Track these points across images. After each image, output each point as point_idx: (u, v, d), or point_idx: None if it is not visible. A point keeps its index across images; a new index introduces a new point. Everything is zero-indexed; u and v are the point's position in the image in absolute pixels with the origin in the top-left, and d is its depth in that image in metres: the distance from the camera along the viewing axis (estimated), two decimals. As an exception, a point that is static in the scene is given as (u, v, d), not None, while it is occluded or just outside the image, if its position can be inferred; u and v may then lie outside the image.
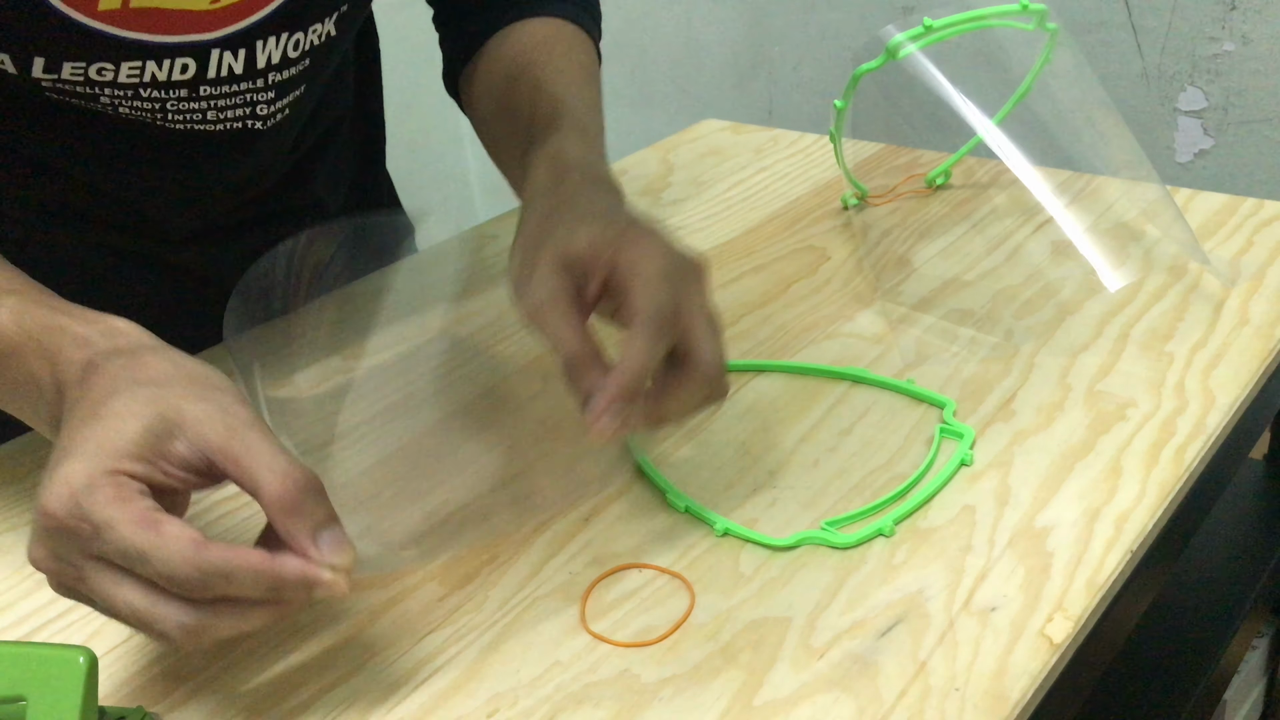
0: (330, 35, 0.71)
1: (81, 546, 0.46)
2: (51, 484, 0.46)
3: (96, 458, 0.46)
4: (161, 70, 0.65)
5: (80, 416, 0.48)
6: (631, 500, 0.62)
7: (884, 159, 1.00)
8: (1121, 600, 0.56)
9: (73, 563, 0.46)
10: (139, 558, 0.45)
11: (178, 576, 0.45)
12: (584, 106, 0.70)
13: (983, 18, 0.78)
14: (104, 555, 0.46)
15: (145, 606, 0.46)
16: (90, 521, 0.45)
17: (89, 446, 0.47)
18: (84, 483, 0.46)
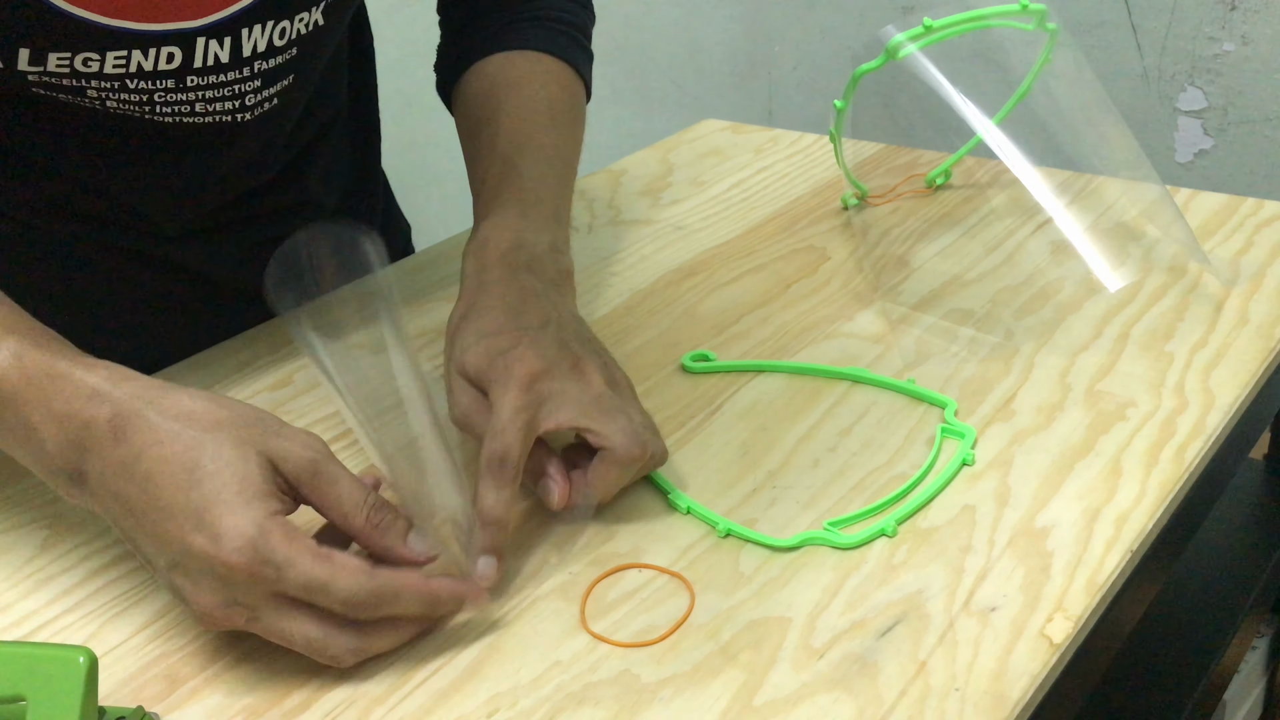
0: (319, 24, 0.71)
1: (264, 589, 0.49)
2: (223, 539, 0.49)
3: (251, 505, 0.49)
4: (148, 60, 0.65)
5: (169, 475, 0.50)
6: (631, 500, 0.62)
7: (884, 159, 1.00)
8: (1121, 600, 0.56)
9: (249, 605, 0.50)
10: (320, 588, 0.49)
11: (354, 601, 0.50)
12: (534, 167, 0.72)
13: (983, 18, 0.78)
14: (283, 592, 0.49)
15: (320, 636, 0.50)
16: (273, 564, 0.49)
17: (231, 497, 0.49)
18: (255, 530, 0.49)
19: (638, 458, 0.58)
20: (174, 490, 0.50)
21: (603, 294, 0.82)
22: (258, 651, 0.53)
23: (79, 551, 0.60)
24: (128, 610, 0.56)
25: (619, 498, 0.62)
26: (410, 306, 0.82)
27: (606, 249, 0.88)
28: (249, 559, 0.49)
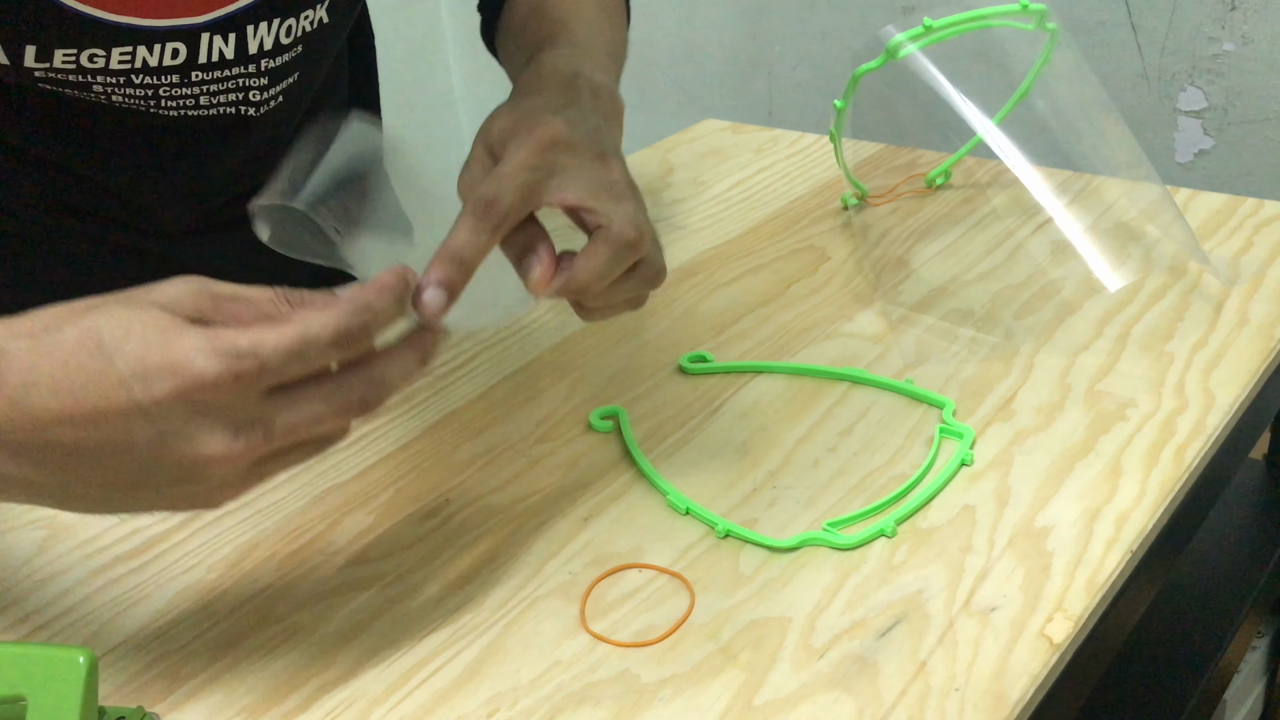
0: (323, 22, 0.71)
1: (253, 387, 0.44)
2: (182, 367, 0.42)
3: (182, 330, 0.44)
4: (153, 55, 0.65)
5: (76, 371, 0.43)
6: (631, 500, 0.62)
7: (884, 159, 1.00)
8: (1121, 600, 0.56)
9: (253, 417, 0.44)
10: (302, 345, 0.44)
11: (340, 332, 0.45)
12: (586, 27, 0.69)
13: (983, 18, 0.78)
14: (273, 379, 0.44)
15: (335, 392, 0.45)
16: (246, 354, 0.43)
17: (157, 337, 0.43)
18: (206, 340, 0.43)
19: (633, 242, 0.54)
20: (92, 379, 0.43)
21: (603, 294, 0.82)
22: (258, 651, 0.53)
23: (79, 551, 0.60)
24: (128, 610, 0.56)
25: (619, 498, 0.62)
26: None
27: (606, 249, 0.88)
28: (221, 364, 0.43)
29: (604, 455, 0.65)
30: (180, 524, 0.62)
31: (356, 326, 0.45)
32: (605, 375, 0.72)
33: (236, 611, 0.56)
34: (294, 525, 0.61)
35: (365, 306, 0.46)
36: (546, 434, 0.67)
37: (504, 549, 0.59)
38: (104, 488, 0.45)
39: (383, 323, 0.47)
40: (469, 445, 0.67)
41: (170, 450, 0.44)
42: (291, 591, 0.57)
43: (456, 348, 0.77)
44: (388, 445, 0.67)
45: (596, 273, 0.54)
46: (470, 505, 0.62)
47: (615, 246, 0.54)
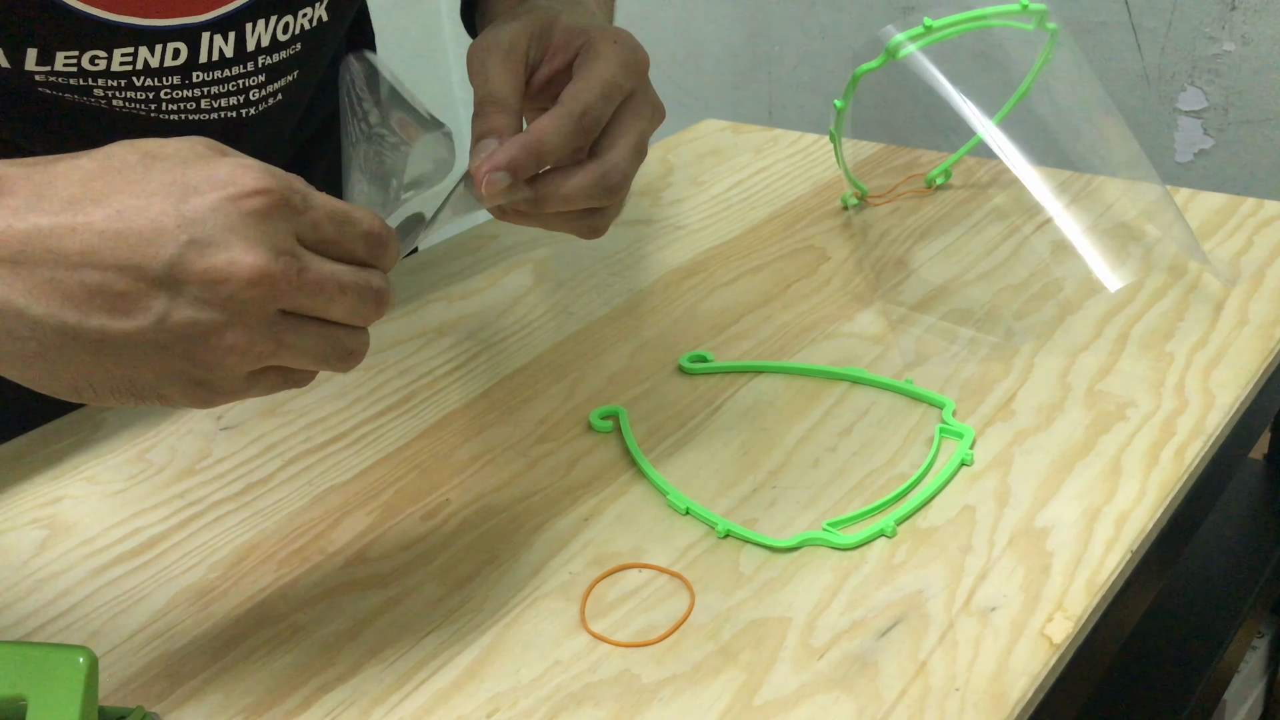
0: (322, 20, 0.71)
1: (295, 221, 0.42)
2: (235, 176, 0.40)
3: (222, 150, 0.42)
4: (154, 56, 0.65)
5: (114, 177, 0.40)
6: (631, 500, 0.62)
7: (884, 159, 1.00)
8: (1121, 600, 0.56)
9: (291, 251, 0.41)
10: (345, 218, 0.44)
11: (373, 233, 0.45)
12: None
13: (983, 18, 0.78)
14: (314, 229, 0.43)
15: (360, 277, 0.44)
16: (298, 190, 0.42)
17: (206, 151, 0.41)
18: (260, 164, 0.41)
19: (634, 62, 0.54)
20: (124, 187, 0.39)
21: (603, 294, 0.82)
22: (258, 651, 0.53)
23: (79, 551, 0.60)
24: (128, 610, 0.56)
25: (619, 498, 0.62)
26: (411, 306, 0.82)
27: (606, 249, 0.88)
28: (273, 181, 0.41)
29: (604, 455, 0.65)
30: (180, 524, 0.62)
31: (384, 236, 0.46)
32: (605, 375, 0.73)
33: (236, 611, 0.56)
34: (294, 525, 0.61)
35: (387, 228, 0.46)
36: (546, 434, 0.67)
37: (504, 549, 0.59)
38: (102, 318, 0.39)
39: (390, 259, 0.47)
40: (469, 445, 0.67)
41: (203, 258, 0.39)
42: (291, 591, 0.57)
43: (456, 347, 0.77)
44: (388, 445, 0.67)
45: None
46: (470, 505, 0.62)
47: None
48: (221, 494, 0.64)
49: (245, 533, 0.61)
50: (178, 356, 0.41)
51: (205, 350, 0.41)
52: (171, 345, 0.40)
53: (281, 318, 0.42)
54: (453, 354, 0.76)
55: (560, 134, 0.52)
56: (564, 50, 0.57)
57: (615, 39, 0.55)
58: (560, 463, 0.65)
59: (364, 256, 0.45)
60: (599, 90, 0.53)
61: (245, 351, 0.41)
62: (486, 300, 0.82)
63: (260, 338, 0.42)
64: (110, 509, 0.63)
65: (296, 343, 0.43)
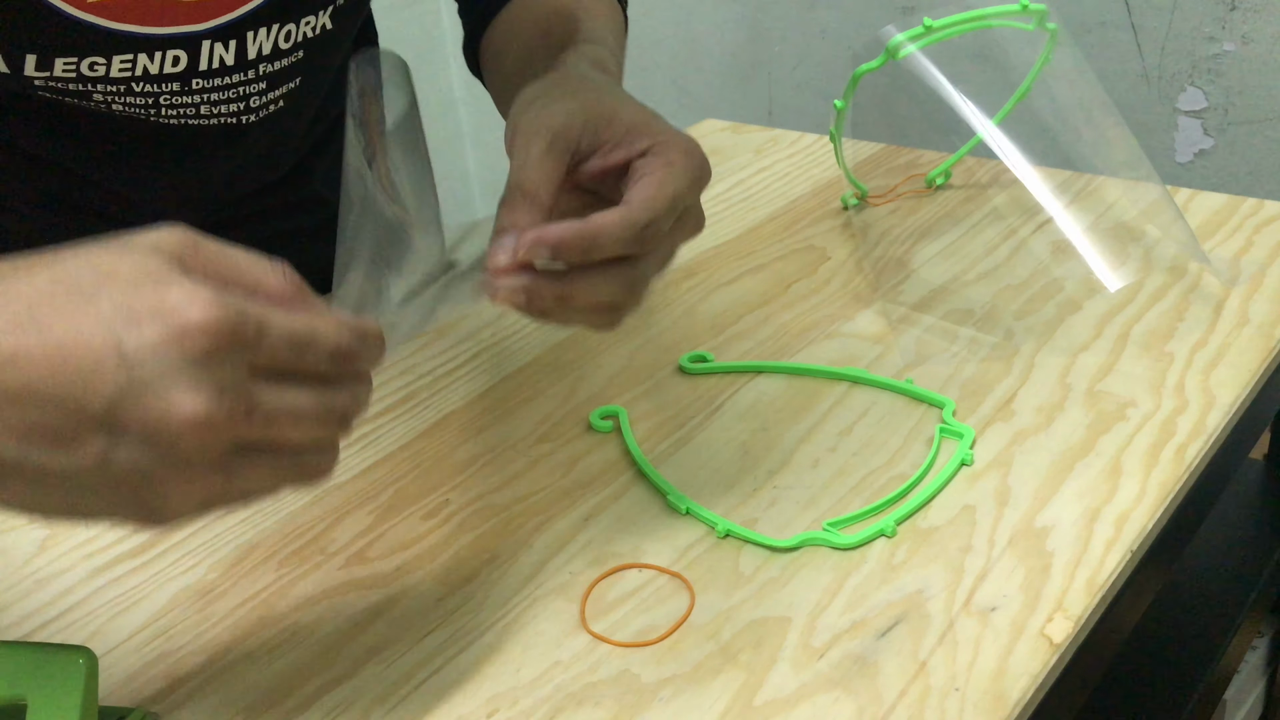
0: (326, 29, 0.71)
1: (247, 355, 0.39)
2: (180, 308, 0.37)
3: (184, 274, 0.39)
4: (153, 63, 0.65)
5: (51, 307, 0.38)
6: (631, 500, 0.62)
7: (884, 159, 1.00)
8: (1121, 600, 0.56)
9: (239, 383, 0.39)
10: (307, 339, 0.41)
11: (340, 348, 0.42)
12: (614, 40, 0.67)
13: (983, 17, 0.78)
14: (267, 359, 0.40)
15: (322, 401, 0.41)
16: (250, 319, 0.39)
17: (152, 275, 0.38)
18: (211, 290, 0.38)
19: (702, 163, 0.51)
20: (65, 316, 0.37)
21: (603, 294, 0.82)
22: (258, 651, 0.53)
23: (79, 551, 0.60)
24: (128, 610, 0.56)
25: (619, 498, 0.62)
26: (410, 306, 0.82)
27: (606, 249, 0.88)
28: (223, 314, 0.38)
29: (604, 455, 0.65)
30: (180, 524, 0.62)
31: (356, 349, 0.43)
32: (605, 375, 0.73)
33: (236, 611, 0.56)
34: (294, 525, 0.61)
35: (363, 335, 0.43)
36: (546, 434, 0.67)
37: (504, 549, 0.59)
38: (44, 453, 0.38)
39: (367, 362, 0.44)
40: (469, 445, 0.67)
41: (141, 403, 0.37)
42: (291, 591, 0.57)
43: (456, 347, 0.77)
44: (388, 445, 0.67)
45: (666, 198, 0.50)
46: (470, 505, 0.62)
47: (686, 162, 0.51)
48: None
49: (245, 532, 0.61)
50: (124, 491, 0.39)
51: (149, 490, 0.39)
52: (116, 484, 0.39)
53: (231, 454, 0.40)
54: (453, 354, 0.76)
55: (620, 237, 0.49)
56: (624, 147, 0.52)
57: (686, 150, 0.52)
58: (560, 463, 0.65)
59: (330, 373, 0.42)
60: (669, 204, 0.50)
61: (190, 492, 0.40)
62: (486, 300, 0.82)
63: (207, 479, 0.40)
64: (110, 509, 0.63)
65: (249, 476, 0.41)
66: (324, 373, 0.42)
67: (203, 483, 0.40)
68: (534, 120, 0.52)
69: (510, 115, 0.54)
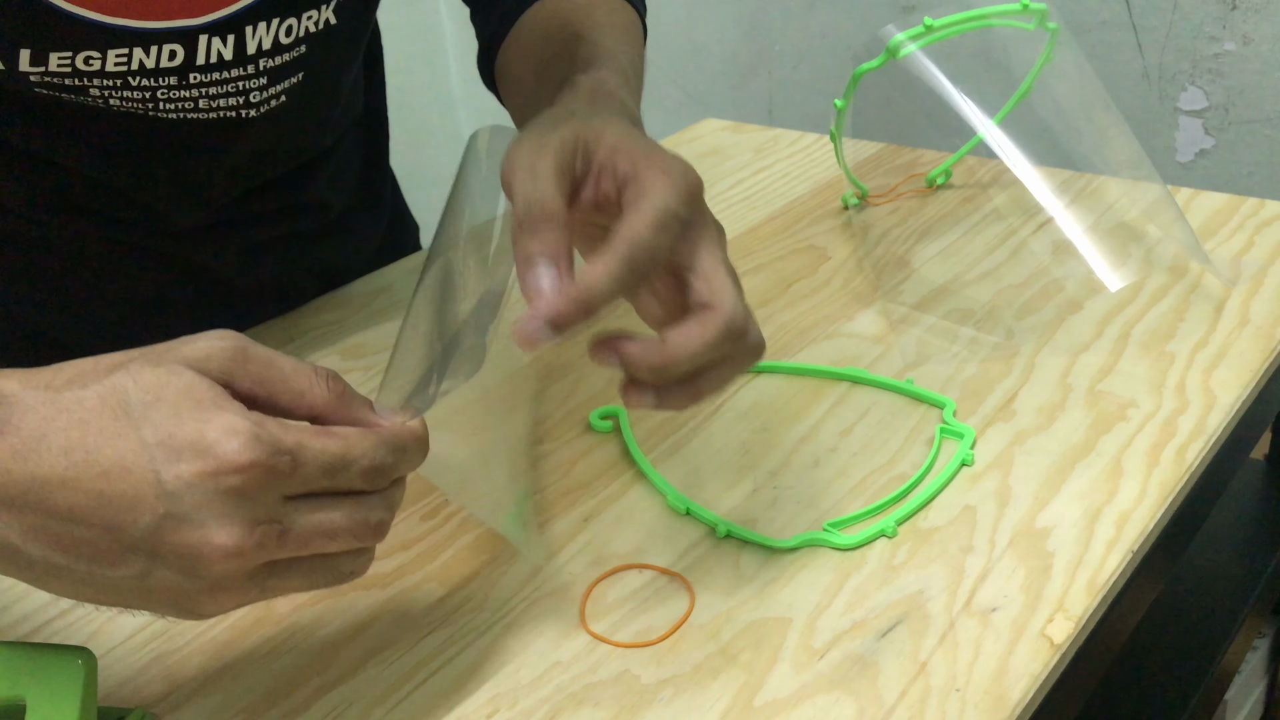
0: (330, 23, 0.71)
1: (281, 488, 0.41)
2: (217, 445, 0.40)
3: (221, 405, 0.41)
4: (150, 58, 0.65)
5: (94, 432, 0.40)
6: (631, 500, 0.62)
7: (884, 159, 1.00)
8: (1122, 601, 0.55)
9: (273, 517, 0.41)
10: (340, 463, 0.42)
11: (374, 466, 0.43)
12: (625, 55, 0.66)
13: (983, 17, 0.78)
14: (300, 486, 0.42)
15: (355, 517, 0.43)
16: (284, 450, 0.41)
17: (192, 408, 0.40)
18: (248, 422, 0.40)
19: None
20: (111, 441, 0.40)
21: (603, 294, 0.82)
22: (258, 651, 0.53)
23: (79, 551, 0.60)
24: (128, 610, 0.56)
25: (619, 498, 0.62)
26: (410, 306, 0.82)
27: (607, 249, 0.88)
28: (258, 452, 0.40)
29: (604, 455, 0.65)
30: (180, 524, 0.62)
31: (390, 462, 0.44)
32: (605, 375, 0.72)
33: (236, 611, 0.56)
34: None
35: (400, 447, 0.45)
36: (546, 434, 0.67)
37: (504, 549, 0.59)
38: (89, 565, 0.41)
39: (406, 468, 0.46)
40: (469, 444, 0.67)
41: (177, 533, 0.40)
42: (291, 591, 0.57)
43: (457, 347, 0.77)
44: (388, 445, 0.67)
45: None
46: (470, 505, 0.62)
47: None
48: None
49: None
50: (162, 600, 0.43)
51: (188, 601, 0.42)
52: (155, 593, 0.42)
53: (265, 569, 0.43)
54: (453, 354, 0.76)
55: (610, 279, 0.48)
56: (609, 173, 0.51)
57: (664, 169, 0.50)
58: (560, 463, 0.65)
59: (365, 489, 0.44)
60: (652, 224, 0.48)
61: (226, 602, 0.43)
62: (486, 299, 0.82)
63: (241, 594, 0.43)
64: (110, 509, 0.63)
65: (284, 585, 0.44)
66: (359, 487, 0.44)
67: (237, 595, 0.43)
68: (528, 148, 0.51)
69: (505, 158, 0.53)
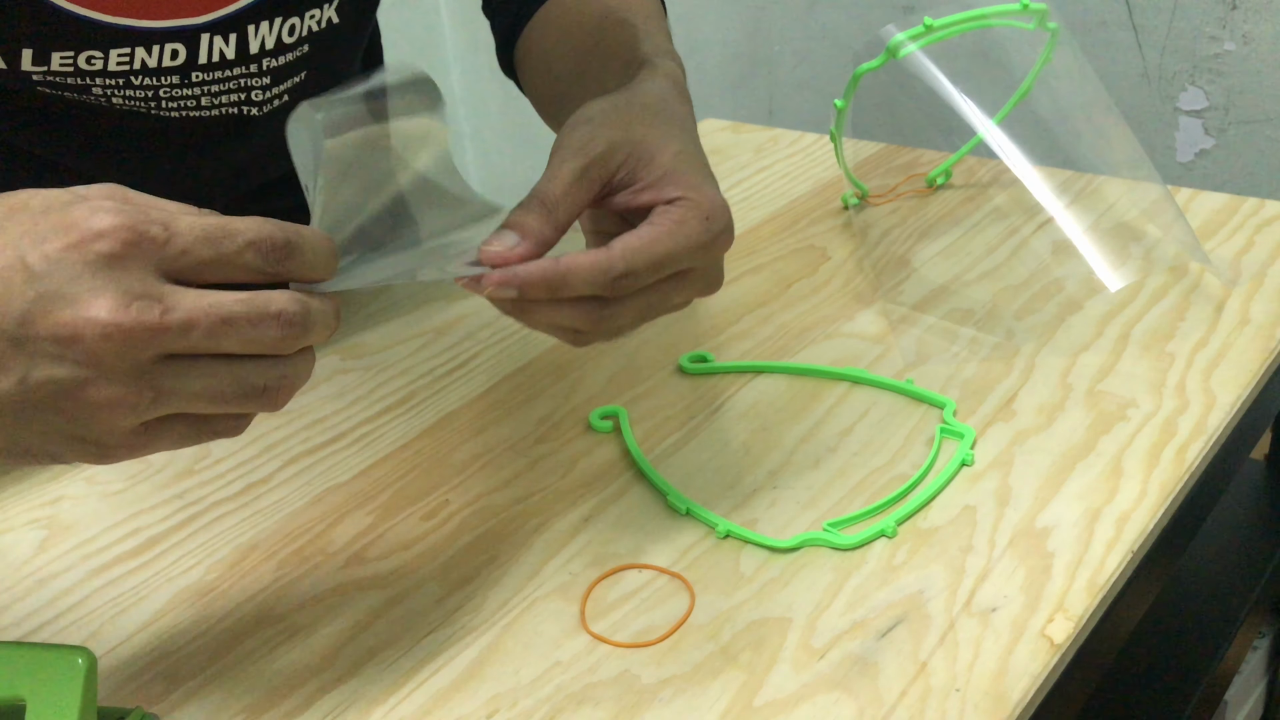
0: (332, 22, 0.71)
1: (156, 256, 0.38)
2: (87, 216, 0.38)
3: (93, 189, 0.39)
4: (151, 57, 0.65)
5: None
6: (631, 500, 0.62)
7: (884, 158, 0.99)
8: (1122, 601, 0.55)
9: (150, 293, 0.38)
10: (220, 233, 0.39)
11: (261, 239, 0.40)
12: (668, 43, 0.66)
13: (983, 17, 0.78)
14: (180, 259, 0.39)
15: (253, 305, 0.40)
16: (155, 220, 0.38)
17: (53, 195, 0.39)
18: (115, 193, 0.39)
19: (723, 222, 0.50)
20: None
21: (603, 294, 0.82)
22: (258, 651, 0.53)
23: (79, 551, 0.60)
24: (128, 610, 0.56)
25: (619, 498, 0.62)
26: (414, 307, 0.82)
27: (607, 249, 0.88)
28: (125, 218, 0.38)
29: (604, 455, 0.65)
30: (180, 524, 0.62)
31: (280, 239, 0.41)
32: (605, 375, 0.72)
33: (236, 611, 0.56)
34: (294, 525, 0.61)
35: (295, 231, 0.42)
36: (546, 434, 0.67)
37: (504, 549, 0.59)
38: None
39: (307, 264, 0.42)
40: (469, 445, 0.67)
41: (50, 315, 0.37)
42: (291, 591, 0.57)
43: (456, 347, 0.77)
44: (388, 445, 0.67)
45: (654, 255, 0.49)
46: (470, 505, 0.62)
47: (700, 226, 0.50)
48: (221, 494, 0.64)
49: (245, 533, 0.61)
50: (51, 414, 0.39)
51: (76, 407, 0.39)
52: (40, 405, 0.39)
53: (157, 364, 0.39)
54: (453, 354, 0.76)
55: (588, 281, 0.48)
56: (653, 190, 0.52)
57: (708, 214, 0.50)
58: (560, 463, 0.65)
59: (262, 269, 0.41)
60: (653, 260, 0.49)
61: (118, 405, 0.39)
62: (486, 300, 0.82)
63: (131, 389, 0.39)
64: (110, 509, 0.63)
65: (181, 388, 0.40)
66: (254, 270, 0.40)
67: (128, 394, 0.39)
68: (580, 139, 0.52)
69: (565, 125, 0.54)
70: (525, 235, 0.49)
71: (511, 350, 0.76)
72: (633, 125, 0.53)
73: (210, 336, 0.39)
